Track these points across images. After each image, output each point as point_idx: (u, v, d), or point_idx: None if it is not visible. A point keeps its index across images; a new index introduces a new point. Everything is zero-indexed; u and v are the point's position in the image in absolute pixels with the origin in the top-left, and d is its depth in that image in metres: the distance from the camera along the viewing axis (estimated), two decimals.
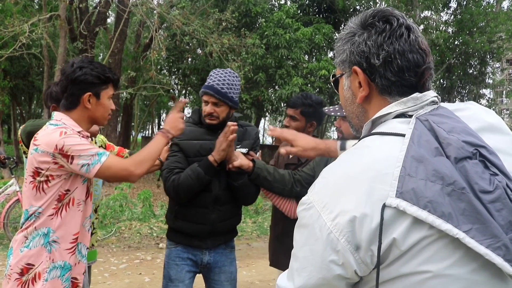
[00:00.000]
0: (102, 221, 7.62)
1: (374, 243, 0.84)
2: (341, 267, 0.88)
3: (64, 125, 1.98)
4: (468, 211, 0.79)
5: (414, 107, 0.96)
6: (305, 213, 0.95)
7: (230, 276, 2.60)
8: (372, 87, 1.02)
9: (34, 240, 1.97)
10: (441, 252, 0.81)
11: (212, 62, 12.60)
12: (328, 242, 0.88)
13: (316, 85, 12.94)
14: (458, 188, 0.80)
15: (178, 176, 2.36)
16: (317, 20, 14.64)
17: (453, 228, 0.78)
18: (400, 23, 0.98)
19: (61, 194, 1.98)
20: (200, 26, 10.85)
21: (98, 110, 2.08)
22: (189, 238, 2.50)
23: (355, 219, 0.84)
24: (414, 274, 0.83)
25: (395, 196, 0.82)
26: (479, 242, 0.78)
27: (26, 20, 9.48)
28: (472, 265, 0.81)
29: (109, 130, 12.34)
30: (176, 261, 2.51)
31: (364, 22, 1.01)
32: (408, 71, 0.97)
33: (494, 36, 15.93)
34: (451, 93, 19.03)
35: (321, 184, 0.95)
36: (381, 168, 0.86)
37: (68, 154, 1.90)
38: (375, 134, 0.96)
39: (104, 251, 6.38)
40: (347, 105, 1.11)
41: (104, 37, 16.20)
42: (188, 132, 2.42)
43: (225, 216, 2.51)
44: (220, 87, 2.37)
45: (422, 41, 0.99)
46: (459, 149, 0.85)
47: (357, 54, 1.01)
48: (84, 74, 1.99)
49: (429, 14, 17.04)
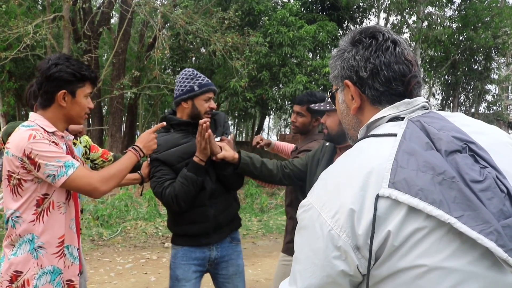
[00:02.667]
0: (108, 221, 7.65)
1: (370, 237, 0.86)
2: (344, 262, 0.90)
3: (36, 127, 1.92)
4: (459, 198, 0.82)
5: (406, 111, 1.02)
6: (304, 215, 0.98)
7: (238, 269, 2.62)
8: (364, 98, 1.09)
9: (21, 247, 1.94)
10: (436, 245, 0.83)
11: (215, 61, 12.59)
12: (329, 239, 0.90)
13: (320, 82, 12.91)
14: (449, 177, 0.83)
15: (173, 188, 2.37)
16: (320, 18, 14.60)
17: (444, 213, 0.81)
18: (386, 37, 1.06)
19: (39, 199, 1.93)
20: (203, 25, 10.85)
21: (74, 108, 2.01)
22: (195, 238, 2.51)
23: (353, 213, 0.88)
24: (411, 268, 0.84)
25: (388, 187, 0.85)
26: (471, 228, 0.79)
27: (30, 21, 9.51)
28: (468, 257, 0.82)
29: (114, 130, 12.38)
30: (183, 261, 2.51)
31: (352, 39, 1.10)
32: (395, 81, 1.04)
33: (499, 31, 15.82)
34: (456, 89, 18.94)
35: (319, 186, 0.99)
36: (375, 164, 0.90)
37: (35, 160, 1.85)
38: (370, 137, 1.01)
39: (110, 250, 6.40)
40: (343, 117, 1.20)
41: (108, 37, 16.24)
42: (163, 143, 2.44)
43: (223, 207, 2.54)
44: (206, 80, 2.49)
45: (408, 53, 1.06)
46: (449, 143, 0.89)
47: (347, 68, 1.09)
48: (59, 71, 1.92)
49: (433, 10, 16.94)
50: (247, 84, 11.71)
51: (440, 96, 20.99)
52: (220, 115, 2.68)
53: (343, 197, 0.90)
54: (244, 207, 10.05)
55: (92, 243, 6.73)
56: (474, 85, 19.11)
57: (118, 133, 12.67)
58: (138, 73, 11.89)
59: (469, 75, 18.19)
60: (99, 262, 5.84)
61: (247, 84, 11.66)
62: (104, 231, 7.25)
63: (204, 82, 2.47)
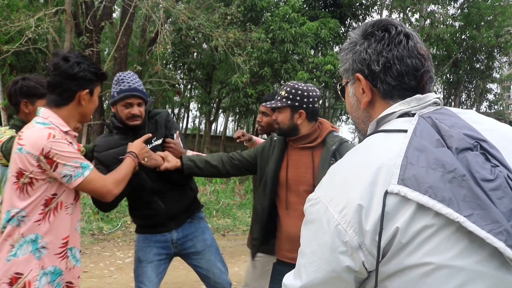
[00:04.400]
0: (108, 215, 7.66)
1: (378, 233, 0.86)
2: (350, 258, 0.90)
3: (52, 125, 1.90)
4: (469, 197, 0.81)
5: (417, 106, 1.00)
6: (312, 209, 0.98)
7: (205, 243, 2.68)
8: (375, 92, 1.07)
9: (22, 247, 1.88)
10: (444, 243, 0.82)
11: (217, 57, 12.59)
12: (336, 233, 0.90)
13: (322, 79, 12.90)
14: (459, 175, 0.82)
15: None
16: (323, 15, 14.57)
17: (454, 212, 0.80)
18: (399, 31, 1.04)
19: (48, 199, 1.90)
20: (205, 20, 10.82)
21: (89, 106, 2.04)
22: (153, 228, 2.62)
23: (361, 209, 0.87)
24: (418, 266, 0.84)
25: (397, 183, 0.84)
26: (480, 227, 0.78)
27: (32, 14, 9.48)
28: (476, 257, 0.81)
29: None
30: (144, 244, 2.62)
31: (364, 32, 1.07)
32: (407, 75, 1.02)
33: (502, 30, 15.78)
34: (458, 88, 18.91)
35: (327, 180, 0.99)
36: (385, 160, 0.89)
37: (53, 160, 1.83)
38: (380, 132, 1.00)
39: (110, 245, 6.42)
40: (353, 111, 1.17)
41: (110, 32, 16.20)
42: (104, 144, 2.52)
43: (175, 199, 2.59)
44: (141, 87, 2.43)
45: (421, 47, 1.04)
46: (460, 140, 0.87)
47: (358, 62, 1.06)
48: (83, 70, 1.93)
49: (435, 8, 16.90)
50: (249, 80, 11.70)
51: (441, 94, 20.96)
52: (161, 115, 2.64)
53: (352, 192, 0.89)
54: (245, 203, 10.07)
55: (92, 237, 6.75)
56: (476, 84, 19.08)
57: None
58: (140, 68, 11.88)
59: (471, 74, 18.15)
60: (99, 256, 5.86)
61: (248, 80, 11.65)
62: (104, 226, 7.26)
63: (124, 88, 2.39)
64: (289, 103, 2.33)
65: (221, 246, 6.99)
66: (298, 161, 2.38)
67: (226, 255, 6.09)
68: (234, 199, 10.33)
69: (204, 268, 2.66)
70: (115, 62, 12.08)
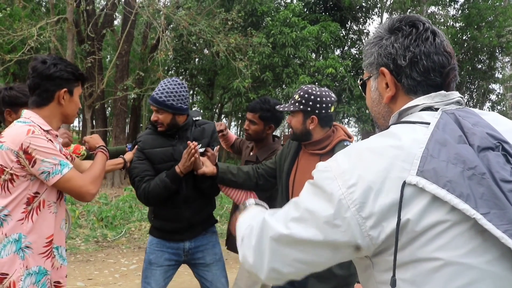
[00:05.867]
0: (112, 222, 7.66)
1: (386, 220, 0.86)
2: (343, 234, 0.90)
3: (32, 123, 1.93)
4: (487, 195, 0.80)
5: (441, 102, 1.00)
6: (320, 175, 0.97)
7: (215, 257, 2.76)
8: (399, 87, 1.06)
9: (6, 247, 1.89)
10: (457, 240, 0.82)
11: (219, 62, 12.63)
12: (339, 206, 0.90)
13: (324, 83, 12.91)
14: (479, 173, 0.82)
15: (148, 184, 2.56)
16: (323, 18, 14.59)
17: (471, 208, 0.80)
18: (426, 27, 1.04)
19: (30, 197, 1.91)
20: (206, 26, 10.86)
21: (70, 106, 2.08)
22: (169, 234, 2.70)
23: (371, 191, 0.87)
24: (428, 260, 0.84)
25: (416, 174, 0.84)
26: (496, 226, 0.78)
27: (34, 23, 9.54)
28: (488, 256, 0.81)
29: (118, 132, 12.41)
30: (157, 248, 2.70)
31: (391, 26, 1.07)
32: (433, 72, 1.02)
33: (503, 31, 15.75)
34: (460, 89, 18.87)
35: (342, 154, 0.98)
36: (405, 148, 0.89)
37: (32, 155, 1.85)
38: (402, 123, 1.00)
39: (115, 252, 6.42)
40: (373, 106, 1.16)
41: (111, 39, 16.27)
42: (151, 141, 2.66)
43: (198, 210, 2.71)
44: (159, 96, 2.55)
45: (447, 45, 1.04)
46: (482, 139, 0.87)
47: (384, 56, 1.06)
48: (60, 70, 1.98)
49: (436, 9, 16.91)
50: (250, 84, 11.72)
51: None
52: (210, 125, 2.79)
53: (365, 172, 0.89)
54: None
55: (97, 244, 6.75)
56: (478, 85, 19.03)
57: (122, 134, 12.69)
58: (142, 75, 11.92)
59: (473, 75, 18.11)
60: (103, 263, 5.85)
61: (250, 84, 11.67)
62: (108, 233, 7.26)
63: (153, 96, 2.58)
64: (302, 108, 2.29)
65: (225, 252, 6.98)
66: (306, 166, 2.36)
67: (230, 260, 6.08)
68: None
69: (209, 281, 2.73)
70: (117, 69, 12.13)
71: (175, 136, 2.65)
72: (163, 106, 2.55)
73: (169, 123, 2.60)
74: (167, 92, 2.55)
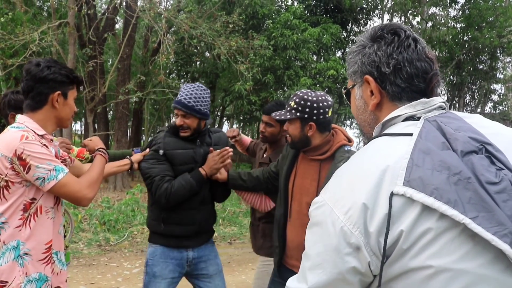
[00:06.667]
0: (115, 226, 7.67)
1: (382, 235, 0.87)
2: (356, 259, 0.90)
3: (26, 129, 1.91)
4: (474, 199, 0.81)
5: (423, 110, 1.01)
6: (316, 212, 0.98)
7: (217, 268, 2.77)
8: (383, 94, 1.08)
9: (4, 255, 1.88)
10: (448, 246, 0.82)
11: (220, 65, 12.63)
12: (342, 235, 0.90)
13: (325, 85, 12.91)
14: (464, 177, 0.83)
15: (171, 185, 2.52)
16: (324, 20, 14.61)
17: (459, 214, 0.80)
18: (408, 35, 1.05)
19: (27, 204, 1.90)
20: (207, 29, 10.88)
21: (65, 110, 2.05)
22: (178, 239, 2.65)
23: (366, 210, 0.88)
24: (421, 269, 0.84)
25: (402, 185, 0.85)
26: (485, 229, 0.79)
27: (36, 28, 9.58)
28: (480, 260, 0.81)
29: (120, 135, 12.43)
30: (161, 259, 2.64)
31: (373, 35, 1.08)
32: (417, 78, 1.04)
33: (504, 31, 15.74)
34: (462, 90, 18.86)
35: (333, 183, 1.00)
36: (390, 162, 0.90)
37: (26, 161, 1.83)
38: (385, 135, 1.01)
39: (117, 255, 6.42)
40: (359, 114, 1.17)
41: (113, 43, 16.31)
42: (171, 143, 2.63)
43: (208, 215, 2.76)
44: (187, 101, 2.55)
45: (429, 51, 1.06)
46: (465, 143, 0.88)
47: (368, 64, 1.07)
48: (53, 73, 1.96)
49: (436, 10, 16.91)
50: (252, 87, 11.72)
51: (445, 96, 20.90)
52: (224, 134, 2.94)
53: (357, 194, 0.90)
54: None
55: (99, 248, 6.75)
56: (479, 85, 19.01)
57: (124, 138, 12.72)
58: (143, 78, 11.94)
59: (474, 75, 18.10)
60: (106, 267, 5.86)
61: (251, 87, 11.67)
62: (111, 236, 7.27)
63: (176, 99, 2.59)
64: (298, 115, 2.25)
65: (228, 254, 6.99)
66: (305, 171, 2.35)
67: (233, 263, 6.09)
68: (240, 207, 10.31)
69: None
70: (119, 73, 12.16)
71: (196, 141, 2.68)
72: (192, 111, 2.55)
73: (195, 128, 2.62)
74: (195, 97, 2.55)
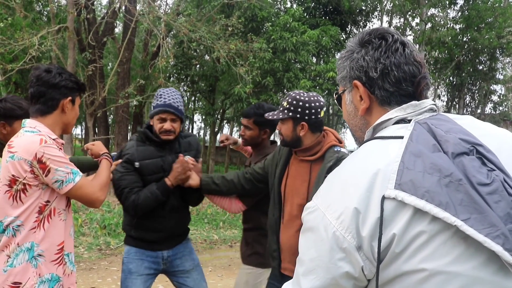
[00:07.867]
0: (115, 230, 7.66)
1: (375, 239, 0.86)
2: (349, 264, 0.90)
3: (40, 132, 1.95)
4: (466, 201, 0.81)
5: (413, 113, 1.02)
6: (309, 217, 0.98)
7: (193, 263, 2.80)
8: (372, 99, 1.08)
9: (18, 257, 1.90)
10: (440, 249, 0.82)
11: (220, 68, 12.67)
12: (334, 240, 0.90)
13: (325, 87, 12.93)
14: (455, 179, 0.82)
15: (138, 196, 2.52)
16: (323, 22, 14.65)
17: (451, 216, 0.80)
18: (395, 39, 1.06)
19: (42, 206, 1.93)
20: (207, 32, 10.89)
21: (71, 115, 2.12)
22: (149, 243, 2.67)
23: (358, 214, 0.87)
24: (415, 272, 0.84)
25: (394, 188, 0.85)
26: (477, 231, 0.78)
27: (36, 33, 9.59)
28: (473, 262, 0.81)
29: (120, 139, 12.43)
30: (136, 256, 2.66)
31: (361, 40, 1.09)
32: (405, 82, 1.04)
33: (503, 31, 15.77)
34: (462, 90, 18.87)
35: (325, 188, 1.00)
36: (381, 166, 0.90)
37: (46, 165, 1.87)
38: (376, 139, 1.01)
39: (118, 260, 6.41)
40: (350, 119, 1.18)
41: (112, 47, 16.36)
42: (139, 153, 2.58)
43: (180, 220, 2.76)
44: (177, 104, 2.54)
45: (417, 55, 1.06)
46: (456, 145, 0.88)
47: (356, 69, 1.08)
48: (65, 79, 2.03)
49: (435, 11, 16.94)
50: (252, 90, 11.74)
51: (445, 97, 20.92)
52: (195, 138, 2.86)
53: (349, 198, 0.89)
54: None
55: (100, 252, 6.74)
56: (479, 86, 19.02)
57: (124, 142, 12.71)
58: (143, 82, 11.95)
59: (474, 76, 18.12)
60: (106, 271, 5.85)
61: (251, 90, 11.68)
62: (111, 240, 7.26)
63: (160, 103, 2.53)
64: (291, 115, 2.27)
65: (228, 257, 6.98)
66: (297, 173, 2.35)
67: (233, 266, 6.08)
68: None
69: (190, 287, 2.74)
70: (118, 77, 12.18)
71: (165, 147, 2.62)
72: (182, 114, 2.55)
73: (179, 132, 2.61)
74: (179, 101, 2.55)
